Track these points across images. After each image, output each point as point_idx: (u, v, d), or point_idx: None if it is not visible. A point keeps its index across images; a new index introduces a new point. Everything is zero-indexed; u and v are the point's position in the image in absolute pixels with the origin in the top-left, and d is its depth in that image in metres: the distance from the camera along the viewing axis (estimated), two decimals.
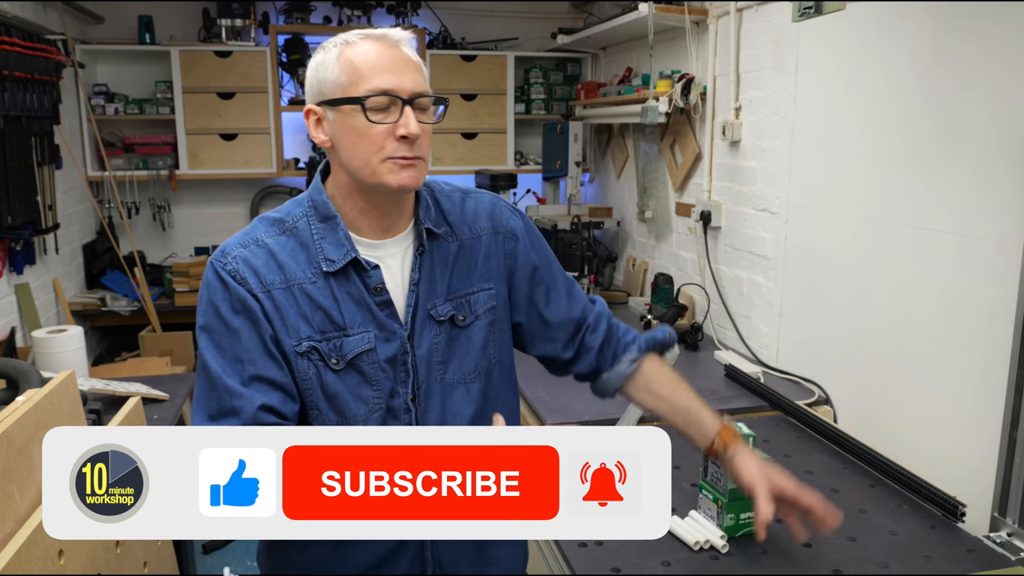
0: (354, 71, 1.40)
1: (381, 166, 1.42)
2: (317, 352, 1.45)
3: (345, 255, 1.46)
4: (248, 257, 1.46)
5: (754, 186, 3.25)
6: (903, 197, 2.41)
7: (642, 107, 3.79)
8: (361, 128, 1.41)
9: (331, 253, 1.46)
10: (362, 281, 1.48)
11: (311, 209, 1.50)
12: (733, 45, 3.34)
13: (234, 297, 1.43)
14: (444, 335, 1.54)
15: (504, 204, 1.68)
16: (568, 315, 1.69)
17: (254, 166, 5.16)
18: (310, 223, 1.49)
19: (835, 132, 2.74)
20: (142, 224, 5.34)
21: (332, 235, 1.48)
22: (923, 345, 2.35)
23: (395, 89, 1.40)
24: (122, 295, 4.87)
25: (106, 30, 5.05)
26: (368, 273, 1.48)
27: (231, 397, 1.39)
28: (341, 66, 1.41)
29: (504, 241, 1.63)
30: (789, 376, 2.98)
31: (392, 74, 1.40)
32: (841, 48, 2.69)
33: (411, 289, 1.52)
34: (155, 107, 5.05)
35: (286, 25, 5.17)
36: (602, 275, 4.43)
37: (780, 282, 3.09)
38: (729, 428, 1.64)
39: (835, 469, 2.23)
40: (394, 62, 1.42)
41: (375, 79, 1.40)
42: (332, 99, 1.42)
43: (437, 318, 1.53)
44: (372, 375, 1.48)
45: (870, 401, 2.58)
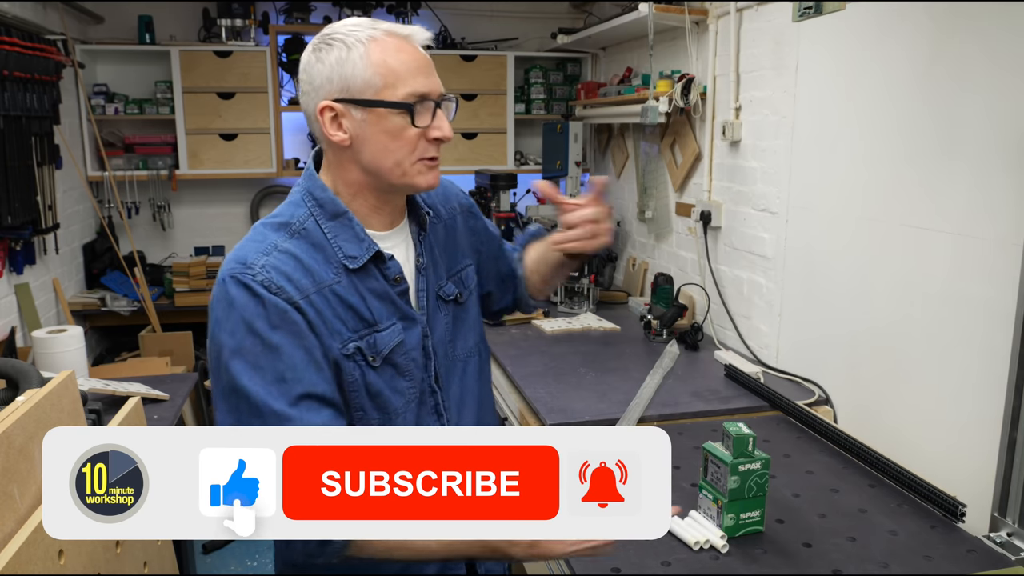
0: (390, 72, 1.39)
1: (413, 167, 1.44)
2: (360, 352, 1.43)
3: (367, 250, 1.46)
4: (277, 264, 1.38)
5: (754, 186, 3.25)
6: (902, 197, 2.41)
7: (642, 107, 3.79)
8: (394, 130, 1.41)
9: (351, 250, 1.45)
10: (381, 274, 1.48)
11: (316, 208, 1.46)
12: (733, 45, 3.34)
13: (271, 311, 1.34)
14: (451, 314, 1.61)
15: (451, 184, 1.76)
16: (510, 268, 1.83)
17: (254, 166, 5.16)
18: (318, 222, 1.45)
19: (835, 132, 2.74)
20: (142, 224, 5.34)
21: (347, 231, 1.46)
22: (923, 345, 2.35)
23: (430, 92, 1.42)
24: (122, 295, 4.87)
25: (106, 30, 5.05)
26: (386, 265, 1.48)
27: (281, 422, 1.30)
28: (372, 65, 1.39)
29: (467, 218, 1.73)
30: (789, 376, 2.98)
31: (426, 76, 1.42)
32: (841, 48, 2.69)
33: (420, 274, 1.55)
34: (155, 107, 5.05)
35: (286, 25, 5.17)
36: (602, 275, 4.43)
37: (780, 282, 3.09)
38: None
39: (835, 469, 2.23)
40: (425, 64, 1.44)
41: (412, 82, 1.40)
42: (364, 99, 1.40)
43: (445, 298, 1.60)
44: (405, 366, 1.49)
45: (870, 401, 2.58)
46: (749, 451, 1.80)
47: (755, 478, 1.82)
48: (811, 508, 1.99)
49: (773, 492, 1.99)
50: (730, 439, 1.81)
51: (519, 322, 3.75)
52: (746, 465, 1.81)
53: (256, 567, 3.82)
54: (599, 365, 3.15)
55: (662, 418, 2.60)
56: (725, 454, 1.82)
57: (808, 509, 1.99)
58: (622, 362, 3.20)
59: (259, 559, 3.86)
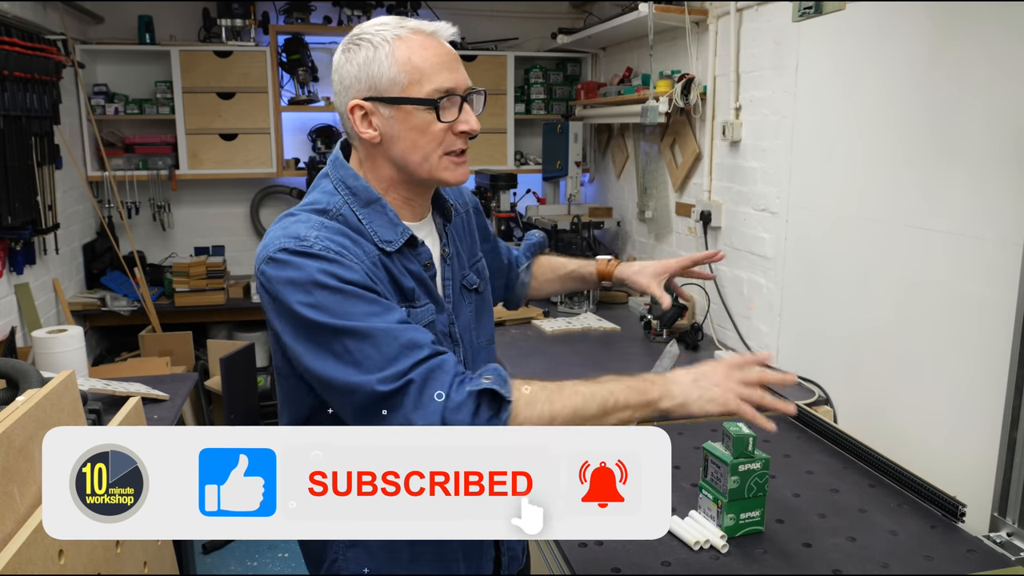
0: (415, 70, 1.43)
1: (440, 162, 1.47)
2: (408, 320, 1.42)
3: (402, 234, 1.49)
4: (330, 236, 1.39)
5: (754, 186, 3.25)
6: (901, 197, 2.41)
7: (642, 107, 3.79)
8: (421, 125, 1.44)
9: (386, 235, 1.48)
10: (416, 257, 1.52)
11: (349, 196, 1.49)
12: (733, 45, 3.34)
13: (338, 266, 1.35)
14: (474, 303, 1.67)
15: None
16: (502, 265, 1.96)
17: (254, 166, 5.17)
18: (353, 209, 1.48)
19: (835, 132, 2.74)
20: (142, 224, 5.34)
21: (381, 217, 1.49)
22: (922, 345, 2.35)
23: (456, 87, 1.45)
24: (122, 295, 4.87)
25: (106, 30, 5.05)
26: (418, 250, 1.52)
27: (397, 332, 1.31)
28: (398, 63, 1.43)
29: (475, 214, 1.81)
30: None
31: (451, 71, 1.45)
32: (841, 48, 2.70)
33: (446, 263, 1.60)
34: (155, 107, 5.06)
35: (286, 25, 5.17)
36: None
37: (780, 282, 3.09)
38: (603, 260, 2.00)
39: (835, 469, 2.23)
40: (450, 58, 1.47)
41: (438, 78, 1.44)
42: (391, 97, 1.43)
43: (469, 287, 1.66)
44: None
45: (870, 401, 2.58)
46: (749, 451, 1.80)
47: (755, 478, 1.82)
48: (811, 508, 1.99)
49: (773, 492, 1.99)
50: (730, 439, 1.81)
51: (519, 322, 3.74)
52: (746, 465, 1.81)
53: (256, 567, 3.82)
54: (599, 365, 3.14)
55: (661, 418, 2.59)
56: (725, 454, 1.82)
57: (808, 509, 1.99)
58: (622, 362, 3.19)
59: (259, 559, 3.86)
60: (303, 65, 5.16)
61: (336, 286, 1.32)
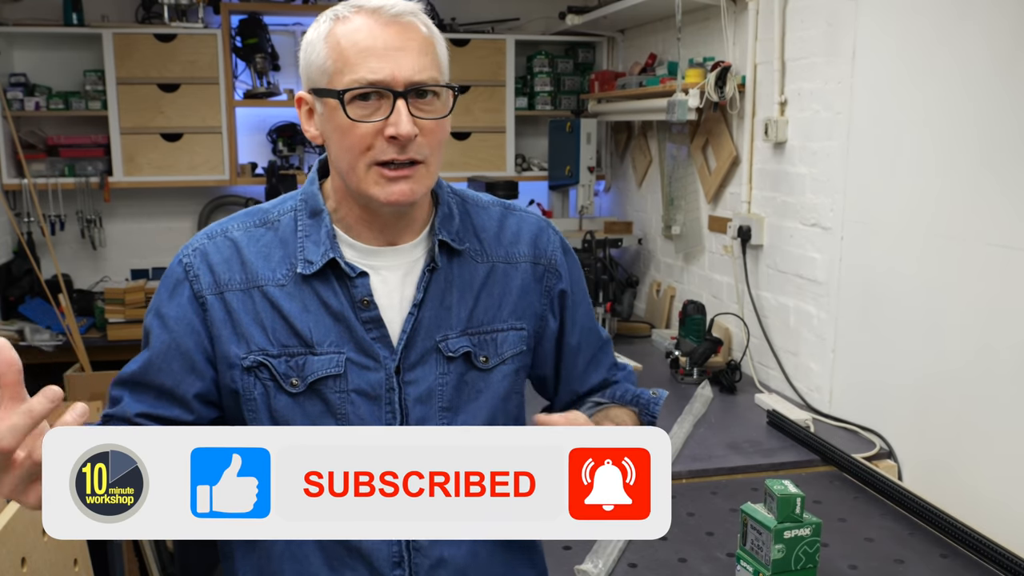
0: (339, 56, 1.39)
1: (367, 174, 1.41)
2: (267, 370, 1.46)
3: (323, 256, 1.46)
4: (208, 251, 1.50)
5: (802, 196, 3.27)
6: (982, 209, 2.42)
7: (668, 101, 3.81)
8: (344, 126, 1.39)
9: (311, 253, 1.47)
10: (346, 291, 1.47)
11: (302, 203, 1.52)
12: (777, 27, 3.37)
13: (175, 296, 1.50)
14: (454, 376, 1.53)
15: (554, 232, 1.67)
16: (583, 385, 1.73)
17: (202, 172, 5.18)
18: (297, 217, 1.50)
19: (900, 132, 2.75)
20: (68, 242, 5.35)
21: (316, 232, 1.48)
22: (1006, 388, 2.35)
23: (386, 80, 1.37)
24: (44, 327, 4.87)
25: (25, 9, 5.07)
26: (353, 281, 1.47)
27: (112, 403, 1.51)
28: (328, 48, 1.40)
29: (544, 276, 1.63)
30: (844, 424, 2.99)
31: (383, 60, 1.37)
32: (908, 30, 2.71)
33: (410, 311, 1.50)
34: (84, 101, 5.07)
35: (241, 3, 5.18)
36: (620, 303, 4.44)
37: (834, 311, 3.10)
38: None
39: (900, 536, 2.23)
40: (388, 44, 1.38)
41: (361, 67, 1.37)
42: (318, 88, 1.43)
43: (447, 353, 1.52)
44: (338, 406, 1.47)
45: (942, 455, 2.58)
46: (796, 514, 1.81)
47: (804, 547, 1.83)
48: None
49: (825, 563, 1.99)
50: (774, 500, 1.81)
51: None
52: (793, 531, 1.81)
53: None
54: None
55: (692, 474, 2.61)
56: (768, 518, 1.83)
57: None
58: None
59: None
60: (261, 51, 5.14)
61: (158, 316, 1.52)
